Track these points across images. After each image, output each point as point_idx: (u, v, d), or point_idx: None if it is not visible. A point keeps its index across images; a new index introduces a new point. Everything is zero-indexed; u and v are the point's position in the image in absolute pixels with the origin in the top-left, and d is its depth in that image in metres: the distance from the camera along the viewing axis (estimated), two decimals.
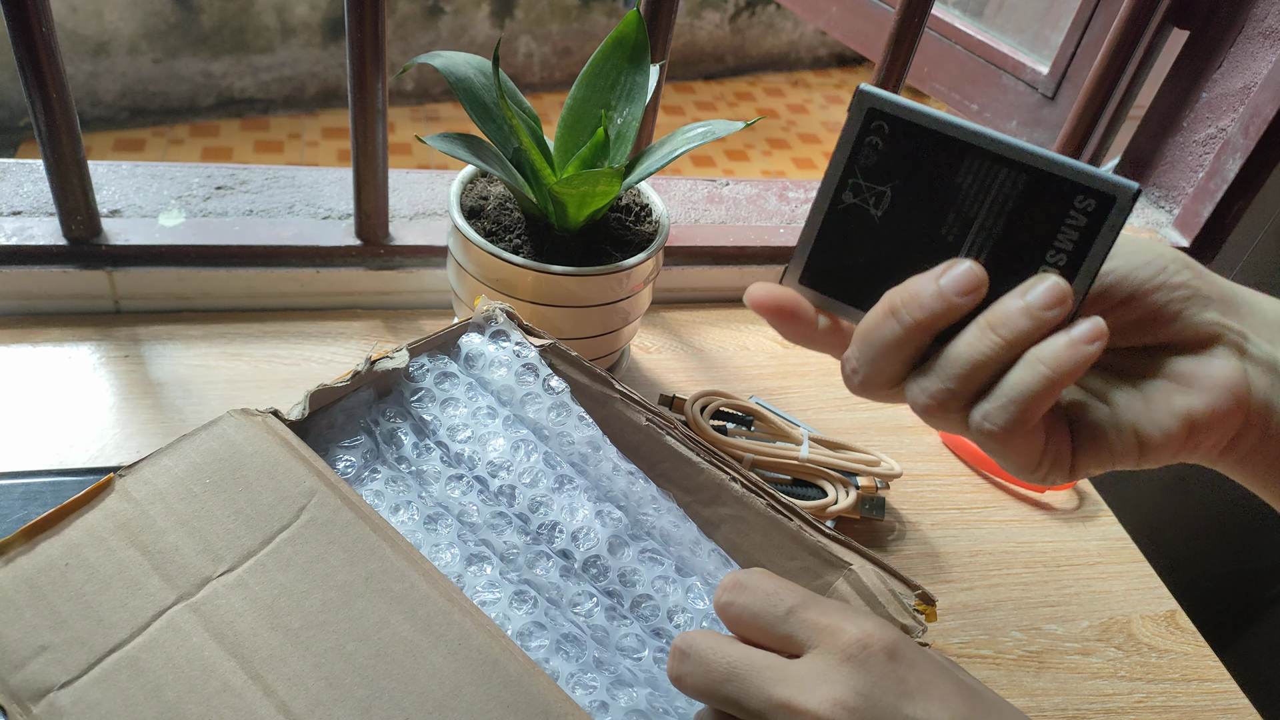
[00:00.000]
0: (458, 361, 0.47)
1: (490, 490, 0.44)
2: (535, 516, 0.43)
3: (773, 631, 0.32)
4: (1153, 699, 0.55)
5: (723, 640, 0.32)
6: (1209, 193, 0.84)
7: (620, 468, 0.45)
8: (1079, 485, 0.67)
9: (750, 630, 0.32)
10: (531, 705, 0.33)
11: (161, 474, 0.37)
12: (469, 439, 0.44)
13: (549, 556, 0.42)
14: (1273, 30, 0.78)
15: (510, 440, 0.44)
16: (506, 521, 0.43)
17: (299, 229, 0.67)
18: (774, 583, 0.33)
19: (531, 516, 0.43)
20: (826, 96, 3.34)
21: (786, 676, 0.30)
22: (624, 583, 0.42)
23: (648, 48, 0.55)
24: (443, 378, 0.46)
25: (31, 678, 0.32)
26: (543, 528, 0.43)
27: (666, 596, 0.42)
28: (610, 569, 0.42)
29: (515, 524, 0.43)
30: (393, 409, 0.46)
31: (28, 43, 0.54)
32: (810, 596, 0.32)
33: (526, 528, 0.43)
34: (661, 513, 0.45)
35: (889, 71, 0.68)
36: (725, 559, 0.45)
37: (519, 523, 0.43)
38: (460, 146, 0.54)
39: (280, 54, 2.67)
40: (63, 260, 0.63)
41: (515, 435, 0.45)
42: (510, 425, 0.45)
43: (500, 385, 0.46)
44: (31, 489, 0.52)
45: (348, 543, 0.36)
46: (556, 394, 0.46)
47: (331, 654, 0.33)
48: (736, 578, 0.33)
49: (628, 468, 0.46)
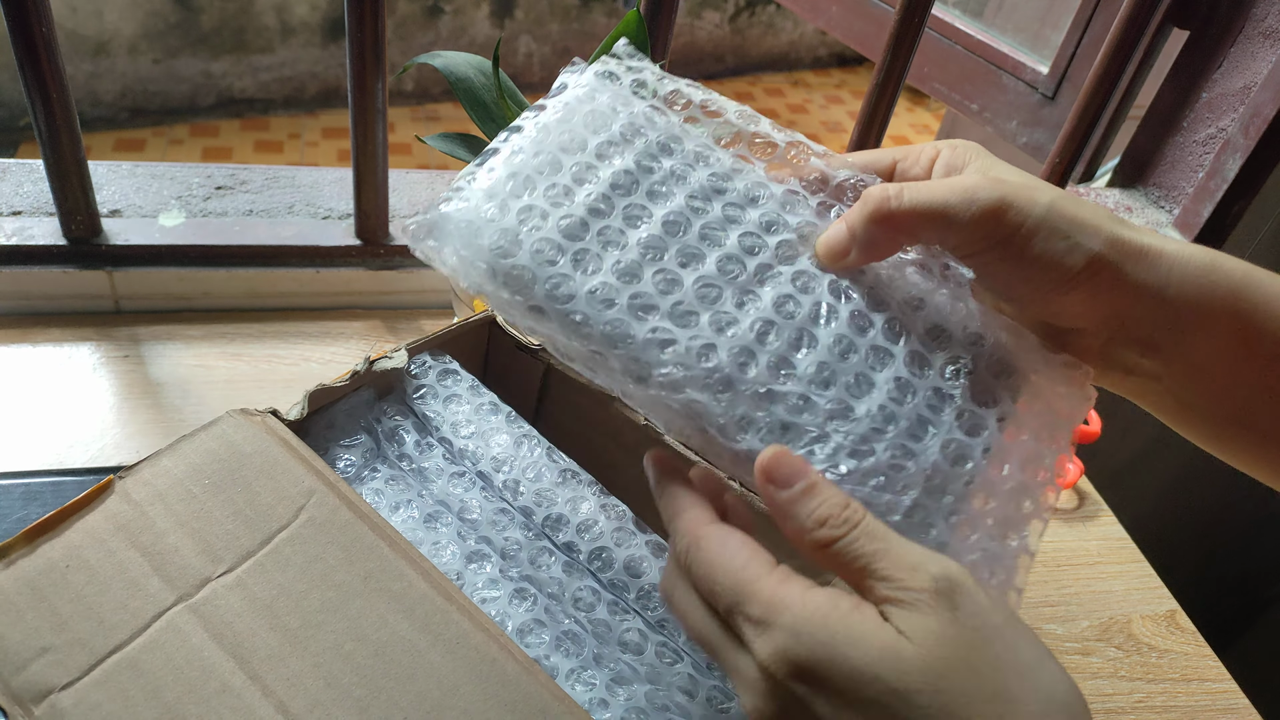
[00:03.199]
0: (460, 358, 0.48)
1: (494, 486, 0.44)
2: (539, 511, 0.43)
3: (714, 631, 0.31)
4: (1153, 699, 0.55)
5: (690, 607, 0.32)
6: (1209, 193, 0.84)
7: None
8: (1079, 485, 0.67)
9: (692, 625, 0.32)
10: (529, 704, 0.33)
11: (161, 475, 0.37)
12: (472, 434, 0.44)
13: (551, 552, 0.42)
14: (1273, 30, 0.78)
15: (514, 435, 0.44)
16: (509, 518, 0.43)
17: (299, 229, 0.67)
18: (716, 571, 0.31)
19: (535, 510, 0.43)
20: (827, 96, 3.34)
21: (731, 665, 0.30)
22: (630, 573, 0.42)
23: (648, 47, 0.55)
24: (445, 374, 0.46)
25: (33, 679, 0.32)
26: (547, 521, 0.43)
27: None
28: (615, 560, 0.42)
29: (517, 520, 0.43)
30: (394, 407, 0.46)
31: (28, 42, 0.54)
32: (746, 589, 0.30)
33: (529, 523, 0.43)
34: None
35: (889, 71, 0.68)
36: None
37: (521, 518, 0.43)
38: (460, 146, 0.54)
39: (280, 54, 2.67)
40: (63, 260, 0.63)
41: (518, 430, 0.45)
42: (513, 420, 0.45)
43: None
44: (32, 489, 0.52)
45: (346, 542, 0.36)
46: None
47: (330, 654, 0.33)
48: (683, 564, 0.32)
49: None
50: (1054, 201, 0.33)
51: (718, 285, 0.33)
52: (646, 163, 0.35)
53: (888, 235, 0.34)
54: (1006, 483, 0.33)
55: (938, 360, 0.34)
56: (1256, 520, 1.02)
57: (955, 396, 0.33)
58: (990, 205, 0.33)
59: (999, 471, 0.33)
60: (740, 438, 0.32)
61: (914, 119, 3.23)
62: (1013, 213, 0.33)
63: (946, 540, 0.32)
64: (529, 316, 0.33)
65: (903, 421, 0.33)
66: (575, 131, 0.35)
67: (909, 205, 0.33)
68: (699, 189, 0.35)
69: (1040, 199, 0.33)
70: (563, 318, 0.32)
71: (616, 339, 0.32)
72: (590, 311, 0.32)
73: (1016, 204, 0.33)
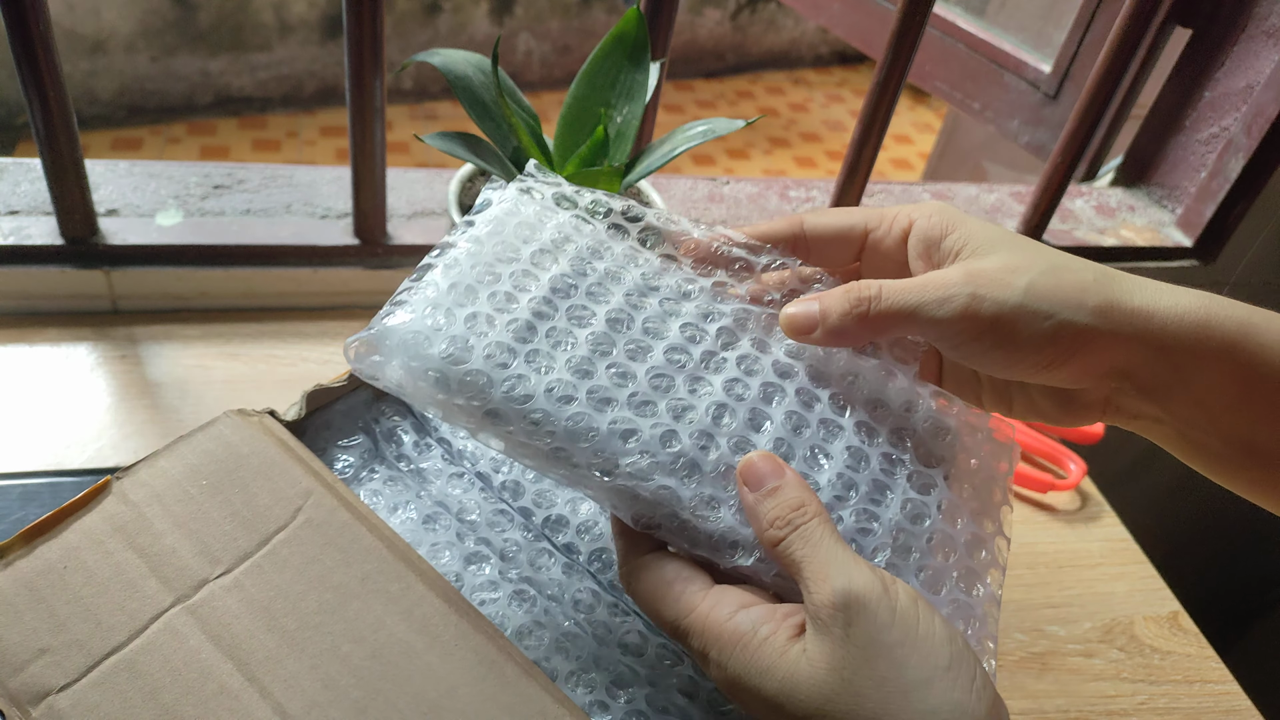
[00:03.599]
0: None
1: (493, 487, 0.44)
2: (539, 512, 0.43)
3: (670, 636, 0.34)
4: (1155, 701, 0.55)
5: (655, 609, 0.33)
6: (1211, 192, 0.84)
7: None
8: (1082, 487, 0.67)
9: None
10: (528, 706, 0.33)
11: (158, 476, 0.37)
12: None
13: (550, 554, 0.42)
14: (1276, 29, 0.78)
15: None
16: (508, 519, 0.43)
17: (297, 228, 0.67)
18: (656, 604, 0.33)
19: (535, 512, 0.43)
20: (828, 95, 3.34)
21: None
22: None
23: (648, 45, 0.55)
24: None
25: (31, 681, 0.32)
26: (546, 523, 0.43)
27: None
28: (616, 562, 0.42)
29: (517, 521, 0.43)
30: (392, 407, 0.46)
31: (25, 41, 0.54)
32: (682, 622, 0.32)
33: (529, 524, 0.43)
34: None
35: (890, 69, 0.67)
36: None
37: (521, 519, 0.43)
38: (459, 145, 0.54)
39: (278, 52, 2.67)
40: (60, 260, 0.62)
41: None
42: None
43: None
44: (29, 489, 0.52)
45: (344, 543, 0.36)
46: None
47: (327, 655, 0.33)
48: (629, 593, 0.34)
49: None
50: (1031, 284, 0.33)
51: (668, 375, 0.35)
52: (580, 267, 0.37)
53: (862, 332, 0.35)
54: (962, 535, 0.35)
55: (882, 428, 0.36)
56: (1260, 521, 1.02)
57: (905, 460, 0.36)
58: (963, 304, 0.33)
59: (954, 525, 0.35)
60: (712, 516, 0.33)
61: (915, 117, 3.23)
62: (987, 305, 0.33)
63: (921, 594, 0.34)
64: (484, 422, 0.33)
65: (862, 487, 0.35)
66: (508, 242, 0.37)
67: (886, 309, 0.34)
68: (634, 287, 0.37)
69: (1017, 283, 0.33)
70: (522, 418, 0.33)
71: (579, 433, 0.33)
72: (551, 409, 0.33)
73: (990, 296, 0.33)
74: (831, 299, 0.35)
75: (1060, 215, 0.87)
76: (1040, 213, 0.81)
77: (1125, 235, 0.85)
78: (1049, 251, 0.35)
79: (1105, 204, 0.90)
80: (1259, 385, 0.33)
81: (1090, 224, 0.86)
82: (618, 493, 0.33)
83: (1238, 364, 0.33)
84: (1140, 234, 0.86)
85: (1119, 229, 0.86)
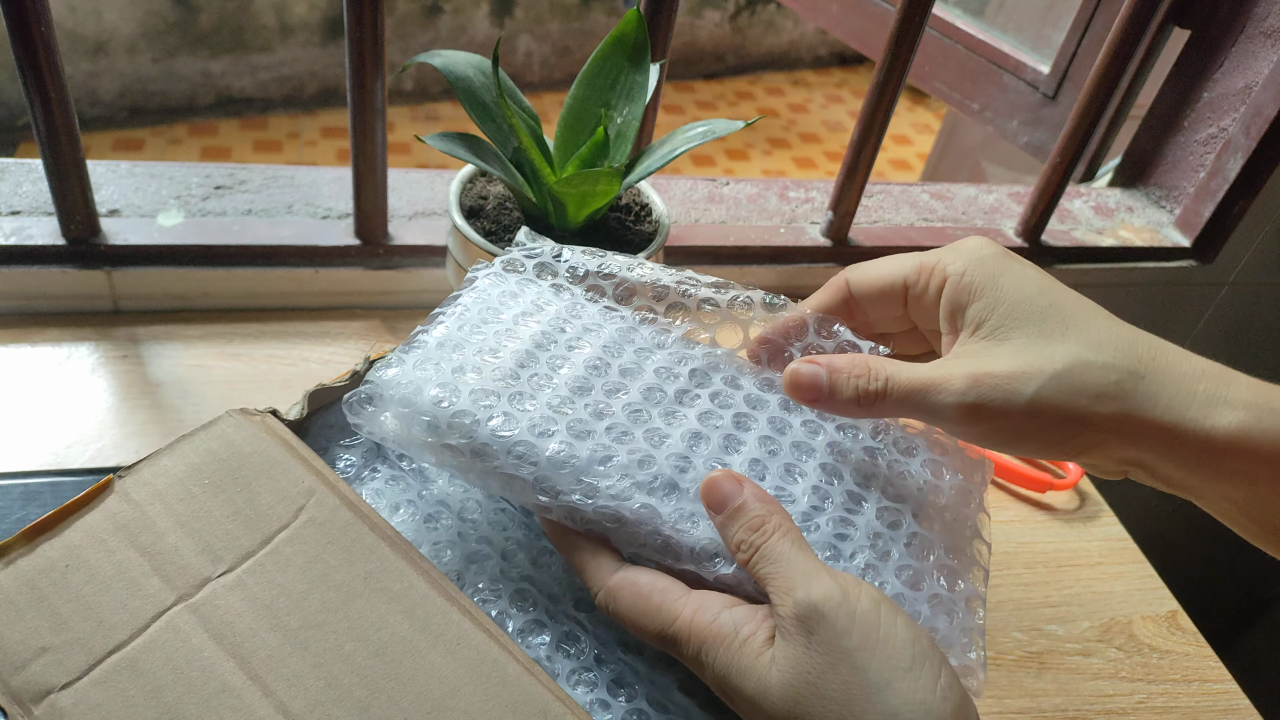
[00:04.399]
0: None
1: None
2: None
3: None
4: (1154, 700, 0.55)
5: (638, 625, 0.34)
6: (1210, 193, 0.84)
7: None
8: (1080, 486, 0.67)
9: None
10: (530, 704, 0.33)
11: (160, 475, 0.37)
12: None
13: (551, 552, 0.42)
14: (1274, 30, 0.78)
15: None
16: (509, 518, 0.43)
17: (298, 229, 0.67)
18: (638, 619, 0.34)
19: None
20: (827, 96, 3.34)
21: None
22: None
23: (648, 47, 0.55)
24: None
25: (32, 679, 0.32)
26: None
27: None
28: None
29: (518, 519, 0.43)
30: None
31: (26, 42, 0.54)
32: (668, 632, 0.33)
33: (530, 523, 0.43)
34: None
35: (890, 70, 0.68)
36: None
37: (522, 518, 0.43)
38: (460, 146, 0.54)
39: (279, 53, 2.67)
40: (61, 260, 0.63)
41: None
42: None
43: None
44: (30, 489, 0.52)
45: (346, 542, 0.36)
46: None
47: (330, 654, 0.33)
48: (608, 614, 0.35)
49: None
50: (1038, 393, 0.32)
51: (644, 409, 0.38)
52: (559, 324, 0.41)
53: (863, 415, 0.37)
54: (940, 539, 0.38)
55: (855, 448, 0.39)
56: None
57: (878, 475, 0.39)
58: (968, 408, 0.33)
59: (930, 529, 0.38)
60: (693, 530, 0.35)
61: (915, 118, 3.23)
62: (991, 409, 0.33)
63: (902, 592, 0.35)
64: (474, 461, 0.36)
65: (837, 497, 0.37)
66: (492, 307, 0.41)
67: (891, 402, 0.35)
68: (610, 340, 0.41)
69: (1023, 390, 0.32)
70: (507, 451, 0.35)
71: (562, 462, 0.35)
72: (535, 441, 0.36)
73: (994, 403, 0.33)
74: (839, 378, 0.36)
75: (1059, 215, 0.87)
76: (1039, 213, 0.81)
77: (1124, 235, 0.85)
78: (1076, 334, 0.33)
79: (1104, 204, 0.90)
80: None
81: (1089, 224, 0.86)
82: (601, 515, 0.35)
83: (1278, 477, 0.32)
84: (1139, 234, 0.86)
85: (1117, 229, 0.86)
